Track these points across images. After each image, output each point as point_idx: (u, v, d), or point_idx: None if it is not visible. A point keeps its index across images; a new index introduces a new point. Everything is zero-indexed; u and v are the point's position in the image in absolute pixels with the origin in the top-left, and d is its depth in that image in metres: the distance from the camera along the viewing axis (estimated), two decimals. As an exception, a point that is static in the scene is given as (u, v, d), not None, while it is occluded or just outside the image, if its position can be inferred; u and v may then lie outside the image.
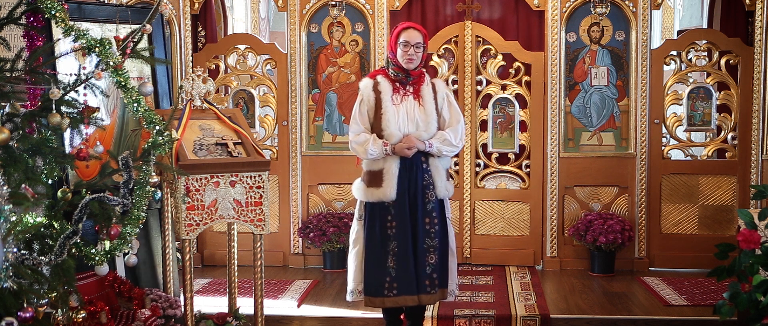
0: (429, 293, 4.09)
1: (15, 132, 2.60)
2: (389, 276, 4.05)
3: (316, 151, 6.09)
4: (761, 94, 5.70)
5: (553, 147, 5.90)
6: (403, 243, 4.04)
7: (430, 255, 4.08)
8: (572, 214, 5.95)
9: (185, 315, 3.86)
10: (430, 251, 4.08)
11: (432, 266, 4.08)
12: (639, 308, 4.87)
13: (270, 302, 4.91)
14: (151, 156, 2.82)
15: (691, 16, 8.16)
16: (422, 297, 4.09)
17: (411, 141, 4.01)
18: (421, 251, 4.06)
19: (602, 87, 5.88)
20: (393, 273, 4.05)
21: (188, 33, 6.04)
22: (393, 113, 4.04)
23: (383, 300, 4.09)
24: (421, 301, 4.11)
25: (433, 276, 4.08)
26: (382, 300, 4.09)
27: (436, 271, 4.09)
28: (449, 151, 4.10)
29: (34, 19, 2.82)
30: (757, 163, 5.76)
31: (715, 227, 5.92)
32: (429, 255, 4.08)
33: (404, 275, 4.04)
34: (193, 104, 3.99)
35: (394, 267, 4.04)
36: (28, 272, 2.48)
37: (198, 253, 6.19)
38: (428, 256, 4.08)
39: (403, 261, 4.04)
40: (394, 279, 4.05)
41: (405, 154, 4.01)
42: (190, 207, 3.71)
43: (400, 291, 4.06)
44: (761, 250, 3.47)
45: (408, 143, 4.00)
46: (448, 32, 5.99)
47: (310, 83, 6.06)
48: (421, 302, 4.11)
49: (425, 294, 4.09)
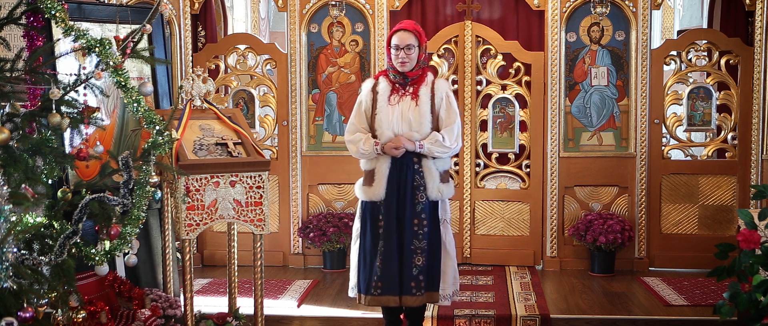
0: (413, 294, 4.06)
1: (15, 132, 2.60)
2: (375, 275, 4.06)
3: (316, 151, 6.09)
4: (761, 94, 5.70)
5: (553, 147, 5.90)
6: (389, 243, 4.04)
7: (417, 257, 4.06)
8: (572, 214, 5.95)
9: (185, 315, 3.86)
10: (417, 253, 4.06)
11: (418, 268, 4.06)
12: (639, 308, 4.87)
13: (270, 302, 4.91)
14: (151, 156, 2.82)
15: (691, 16, 8.15)
16: (405, 298, 4.06)
17: (399, 141, 4.01)
18: (407, 252, 4.05)
19: (602, 87, 5.88)
20: (378, 272, 4.05)
21: (188, 33, 6.04)
22: (386, 113, 4.05)
23: (369, 298, 4.10)
24: (404, 302, 4.08)
25: (418, 278, 4.06)
26: (368, 298, 4.11)
27: (423, 273, 4.07)
28: (441, 152, 4.05)
29: (34, 19, 2.82)
30: (757, 163, 5.76)
31: (715, 227, 5.91)
32: (416, 256, 4.05)
33: (388, 275, 4.04)
34: (193, 104, 3.99)
35: (380, 266, 4.05)
36: (28, 272, 2.48)
37: (198, 253, 6.19)
38: (415, 257, 4.05)
39: (388, 261, 4.04)
40: (379, 278, 4.05)
41: (393, 154, 4.02)
42: (190, 207, 3.71)
43: (384, 291, 4.06)
44: (761, 250, 3.47)
45: (395, 143, 4.01)
46: (448, 32, 5.98)
47: (310, 83, 6.06)
48: (402, 303, 4.08)
49: (409, 295, 4.06)
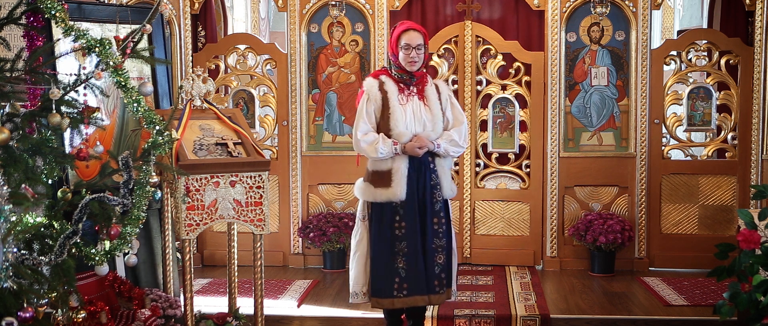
0: (438, 293, 4.10)
1: (15, 132, 2.60)
2: (398, 276, 4.04)
3: (316, 151, 6.09)
4: (761, 94, 5.70)
5: (553, 147, 5.90)
6: (413, 243, 4.03)
7: (439, 255, 4.08)
8: (572, 214, 5.95)
9: (185, 315, 3.86)
10: (438, 251, 4.08)
11: (440, 266, 4.09)
12: (639, 308, 4.87)
13: (270, 302, 4.91)
14: (151, 156, 2.82)
15: (691, 16, 8.15)
16: (432, 297, 4.10)
17: (422, 140, 3.99)
18: (430, 251, 4.06)
19: (602, 87, 5.88)
20: (403, 273, 4.03)
21: (188, 33, 6.04)
22: (401, 113, 4.01)
23: (393, 300, 4.06)
24: (431, 301, 4.12)
25: (441, 276, 4.09)
26: (391, 300, 4.06)
27: (445, 271, 4.11)
28: (456, 151, 4.10)
29: (34, 19, 2.82)
30: (757, 163, 5.76)
31: (715, 227, 5.91)
32: (438, 254, 4.08)
33: (415, 275, 4.03)
34: (193, 104, 3.99)
35: (404, 267, 4.03)
36: (28, 272, 2.48)
37: (198, 253, 6.19)
38: (437, 256, 4.08)
39: (414, 261, 4.03)
40: (404, 279, 4.03)
41: (416, 154, 3.99)
42: (190, 207, 3.72)
43: (411, 292, 4.05)
44: (761, 250, 3.47)
45: (419, 142, 3.99)
46: (448, 32, 5.99)
47: (310, 83, 6.06)
48: (430, 302, 4.12)
49: (434, 294, 4.09)
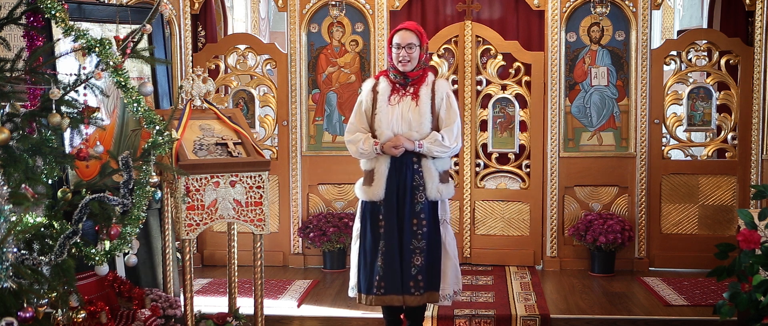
0: (413, 294, 4.08)
1: (15, 132, 2.60)
2: (378, 275, 4.07)
3: (316, 151, 6.09)
4: (761, 94, 5.70)
5: (553, 147, 5.90)
6: (390, 242, 4.05)
7: (416, 257, 4.07)
8: (572, 214, 5.95)
9: (185, 315, 3.86)
10: (415, 252, 4.07)
11: (417, 267, 4.07)
12: (639, 308, 4.87)
13: (270, 302, 4.91)
14: (151, 156, 2.82)
15: (691, 16, 8.15)
16: (407, 298, 4.08)
17: (398, 140, 4.01)
18: (407, 251, 4.06)
19: (602, 87, 5.88)
20: (380, 272, 4.06)
21: (188, 33, 6.04)
22: (386, 113, 4.05)
23: (372, 298, 4.11)
24: (406, 302, 4.09)
25: (417, 278, 4.07)
26: (371, 298, 4.11)
27: (422, 273, 4.08)
28: (440, 151, 4.06)
29: (34, 19, 2.82)
30: (757, 163, 5.75)
31: (715, 227, 5.91)
32: (415, 256, 4.07)
33: (390, 274, 4.05)
34: (193, 104, 3.99)
35: (382, 266, 4.06)
36: (28, 272, 2.48)
37: (198, 253, 6.19)
38: (414, 257, 4.07)
39: (390, 260, 4.05)
40: (381, 278, 4.06)
41: (392, 153, 4.02)
42: (190, 207, 3.71)
43: (387, 291, 4.07)
44: (761, 250, 3.47)
45: (394, 142, 4.01)
46: (448, 32, 5.98)
47: (310, 83, 6.06)
48: (405, 303, 4.10)
49: (409, 294, 4.08)
